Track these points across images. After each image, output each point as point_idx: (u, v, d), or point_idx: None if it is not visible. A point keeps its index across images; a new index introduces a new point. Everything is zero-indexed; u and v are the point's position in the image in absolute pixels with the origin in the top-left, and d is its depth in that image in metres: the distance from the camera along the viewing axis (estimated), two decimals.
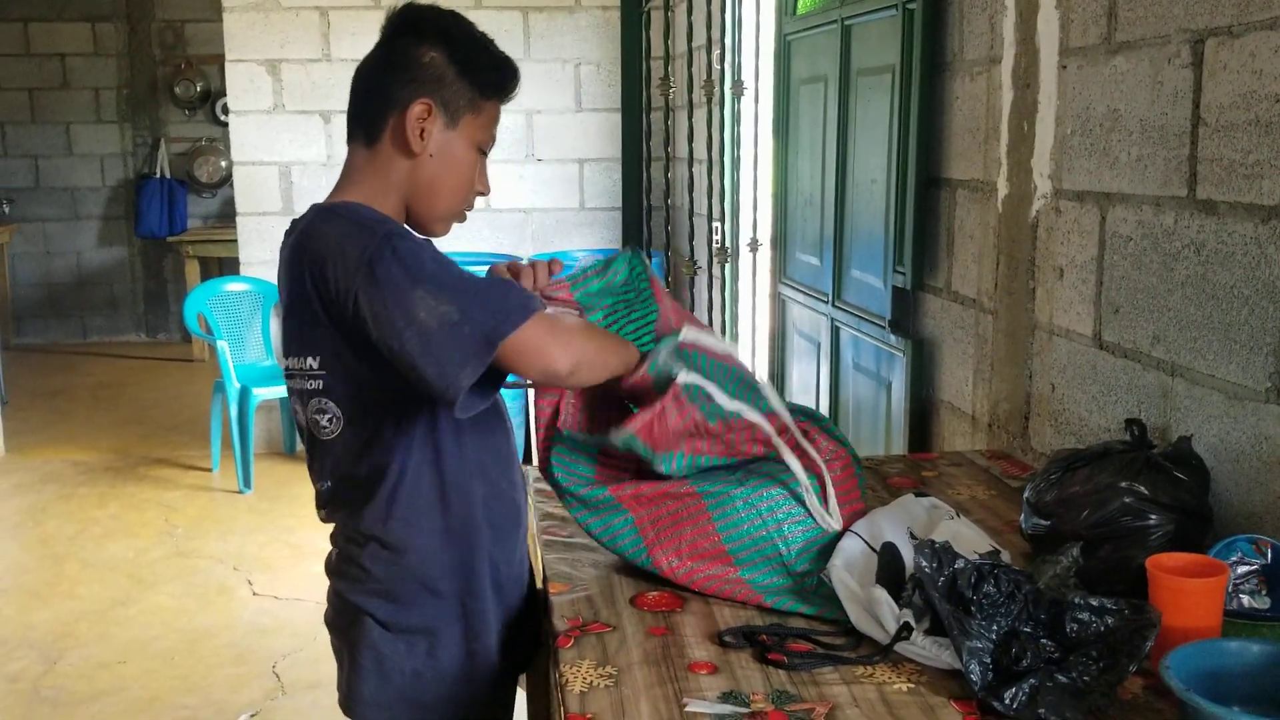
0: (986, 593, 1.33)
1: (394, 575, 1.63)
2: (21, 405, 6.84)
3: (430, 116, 1.58)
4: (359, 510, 1.62)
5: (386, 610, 1.65)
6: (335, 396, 1.57)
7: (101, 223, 8.96)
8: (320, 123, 5.68)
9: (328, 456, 1.62)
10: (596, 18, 5.76)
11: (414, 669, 1.65)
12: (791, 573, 1.56)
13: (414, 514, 1.61)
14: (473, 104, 1.62)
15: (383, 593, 1.64)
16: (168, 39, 8.80)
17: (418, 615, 1.64)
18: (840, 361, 3.27)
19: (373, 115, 1.61)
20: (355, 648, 1.67)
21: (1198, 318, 1.71)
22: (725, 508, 1.59)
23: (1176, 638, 1.25)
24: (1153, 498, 1.52)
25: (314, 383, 1.57)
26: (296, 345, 1.58)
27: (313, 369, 1.56)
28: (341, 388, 1.56)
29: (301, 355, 1.57)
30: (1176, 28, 1.75)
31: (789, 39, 3.63)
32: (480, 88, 1.62)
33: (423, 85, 1.58)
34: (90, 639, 3.80)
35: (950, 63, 2.56)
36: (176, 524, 4.92)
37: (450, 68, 1.59)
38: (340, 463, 1.61)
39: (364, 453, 1.59)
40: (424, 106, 1.58)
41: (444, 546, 1.63)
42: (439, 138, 1.60)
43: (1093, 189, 2.00)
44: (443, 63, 1.59)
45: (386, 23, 1.63)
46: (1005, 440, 2.34)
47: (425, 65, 1.58)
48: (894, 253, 2.77)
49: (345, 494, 1.64)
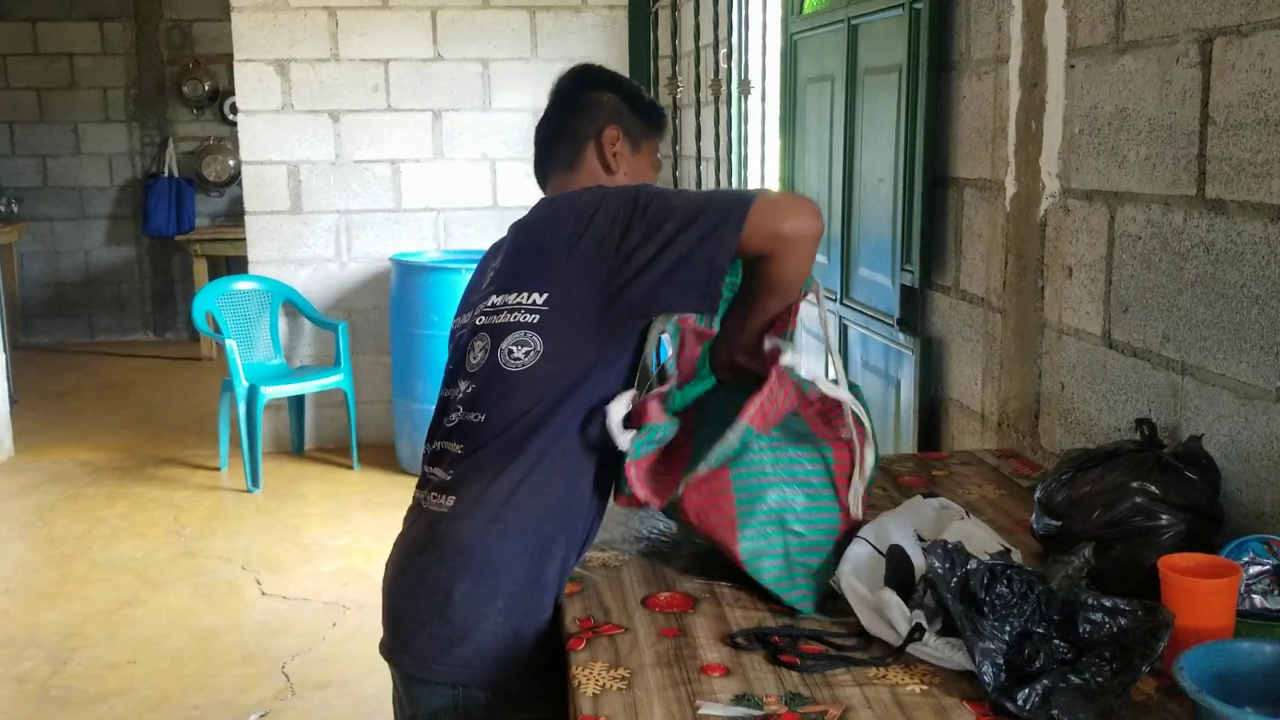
0: (999, 593, 1.33)
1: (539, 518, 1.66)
2: (30, 405, 6.86)
3: (619, 141, 1.84)
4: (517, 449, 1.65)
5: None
6: (546, 333, 1.63)
7: (109, 222, 8.98)
8: (329, 122, 5.69)
9: (513, 389, 1.65)
10: (603, 17, 5.76)
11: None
12: (789, 554, 1.58)
13: (568, 465, 1.65)
14: (646, 134, 1.89)
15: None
16: (175, 39, 8.81)
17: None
18: (849, 360, 3.27)
19: (565, 154, 1.84)
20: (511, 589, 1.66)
21: (1207, 317, 1.71)
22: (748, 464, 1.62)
23: (1189, 638, 1.25)
24: (1164, 497, 1.52)
25: (531, 316, 1.65)
26: (522, 282, 1.67)
27: (535, 304, 1.65)
28: (560, 324, 1.63)
29: (526, 291, 1.66)
30: (1184, 27, 1.74)
31: (795, 38, 3.63)
32: (649, 122, 1.90)
33: (608, 118, 1.84)
34: (99, 639, 3.81)
35: (957, 62, 2.55)
36: (185, 524, 4.93)
37: (626, 106, 1.87)
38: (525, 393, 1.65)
39: (547, 390, 1.64)
40: (615, 131, 1.83)
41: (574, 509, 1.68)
42: (628, 159, 1.85)
43: (1101, 188, 1.99)
44: (618, 102, 1.86)
45: (559, 83, 1.90)
46: (1015, 439, 2.33)
47: (605, 104, 1.86)
48: (902, 251, 2.77)
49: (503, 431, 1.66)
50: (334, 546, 4.61)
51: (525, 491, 1.63)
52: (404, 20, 5.64)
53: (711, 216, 1.55)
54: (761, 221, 1.54)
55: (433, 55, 5.71)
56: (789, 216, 1.55)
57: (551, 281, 1.64)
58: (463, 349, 1.74)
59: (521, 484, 1.63)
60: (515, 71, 5.73)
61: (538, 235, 1.70)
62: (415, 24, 5.65)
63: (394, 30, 5.63)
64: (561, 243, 1.64)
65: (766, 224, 1.54)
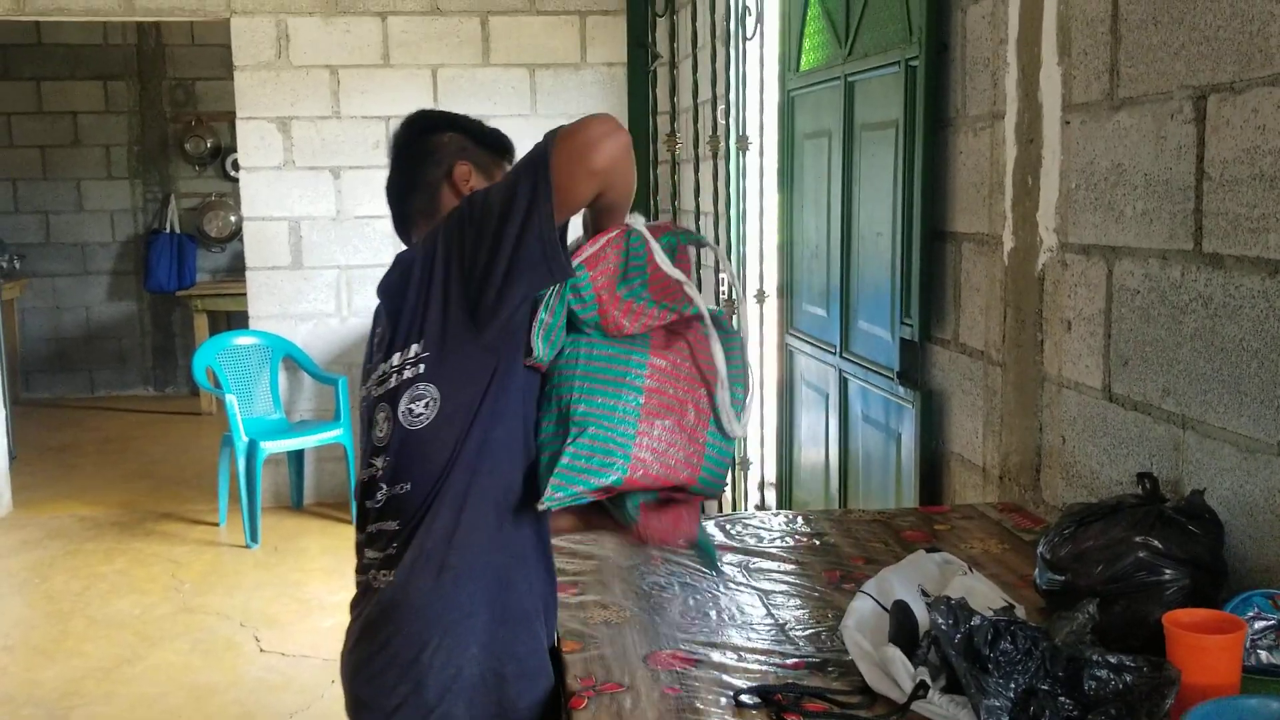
0: (1003, 650, 1.33)
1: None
2: (29, 460, 6.84)
3: (472, 175, 1.80)
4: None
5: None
6: (436, 377, 1.62)
7: (111, 278, 9.01)
8: (330, 178, 5.73)
9: (426, 445, 1.64)
10: (602, 74, 5.83)
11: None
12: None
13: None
14: (494, 162, 1.86)
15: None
16: (179, 96, 8.90)
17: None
18: (849, 413, 3.27)
19: (422, 205, 1.81)
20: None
21: (1207, 370, 1.72)
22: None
23: (1195, 695, 1.24)
24: (1167, 552, 1.51)
25: (417, 368, 1.63)
26: (400, 340, 1.66)
27: (417, 354, 1.63)
28: (445, 362, 1.63)
29: (405, 347, 1.65)
30: (1178, 84, 1.77)
31: (792, 94, 3.67)
32: (493, 151, 1.87)
33: (454, 156, 1.81)
34: (97, 697, 3.77)
35: (953, 118, 2.58)
36: (183, 579, 4.90)
37: (468, 140, 1.84)
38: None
39: (457, 430, 1.64)
40: (466, 167, 1.80)
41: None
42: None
43: (1099, 242, 2.01)
44: (459, 140, 1.83)
45: (396, 136, 1.86)
46: (1017, 493, 2.33)
47: (445, 143, 1.83)
48: (901, 304, 2.78)
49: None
50: (333, 602, 4.58)
51: (463, 531, 1.61)
52: (405, 78, 5.70)
53: (522, 197, 1.53)
54: (569, 172, 1.53)
55: None
56: (590, 151, 1.53)
57: (424, 327, 1.63)
58: (367, 424, 1.72)
59: (457, 525, 1.61)
60: (515, 128, 5.62)
61: (400, 290, 1.67)
62: (416, 81, 5.71)
63: (395, 88, 5.68)
64: (418, 287, 1.63)
65: (575, 171, 1.53)
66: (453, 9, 5.70)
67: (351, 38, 5.63)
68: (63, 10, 5.48)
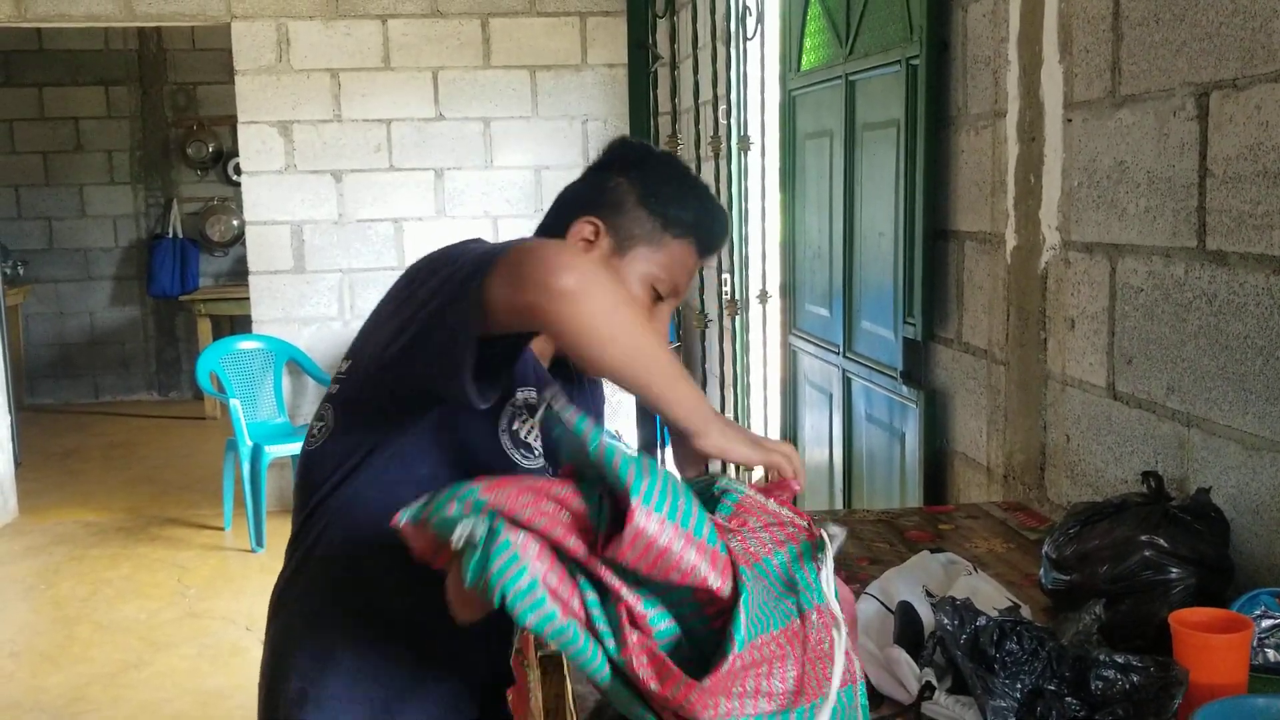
0: (1009, 650, 1.32)
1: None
2: (35, 466, 6.85)
3: (597, 239, 1.54)
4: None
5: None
6: (339, 403, 1.57)
7: (114, 283, 9.03)
8: (332, 182, 5.73)
9: (309, 470, 1.59)
10: (603, 75, 5.83)
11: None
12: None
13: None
14: (652, 237, 1.55)
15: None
16: (180, 101, 8.91)
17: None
18: (853, 412, 3.26)
19: (549, 222, 1.61)
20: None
21: (1212, 368, 1.71)
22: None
23: (1203, 695, 1.23)
24: (1173, 551, 1.51)
25: (335, 386, 1.58)
26: (350, 349, 1.60)
27: (341, 371, 1.57)
28: (351, 393, 1.56)
29: (347, 358, 1.59)
30: (1180, 81, 1.76)
31: (794, 94, 3.67)
32: (664, 221, 1.56)
33: (600, 208, 1.56)
34: (103, 702, 3.78)
35: (955, 117, 2.58)
36: (189, 584, 4.91)
37: (631, 195, 1.56)
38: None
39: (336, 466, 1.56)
40: (591, 226, 1.55)
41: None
42: (610, 264, 1.53)
43: (1102, 240, 2.00)
44: (626, 189, 1.56)
45: (599, 156, 1.65)
46: (1021, 492, 2.33)
47: (609, 190, 1.57)
48: (904, 304, 2.78)
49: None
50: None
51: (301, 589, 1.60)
52: (406, 81, 5.70)
53: (457, 284, 1.31)
54: (500, 295, 1.27)
55: (434, 115, 5.76)
56: (525, 284, 1.25)
57: (361, 346, 1.51)
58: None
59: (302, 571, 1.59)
60: (516, 130, 5.79)
61: (381, 301, 1.53)
62: (417, 84, 5.71)
63: (396, 91, 5.69)
64: (382, 306, 1.50)
65: (506, 296, 1.27)
66: (453, 11, 5.71)
67: (352, 41, 5.64)
68: (64, 16, 5.49)
